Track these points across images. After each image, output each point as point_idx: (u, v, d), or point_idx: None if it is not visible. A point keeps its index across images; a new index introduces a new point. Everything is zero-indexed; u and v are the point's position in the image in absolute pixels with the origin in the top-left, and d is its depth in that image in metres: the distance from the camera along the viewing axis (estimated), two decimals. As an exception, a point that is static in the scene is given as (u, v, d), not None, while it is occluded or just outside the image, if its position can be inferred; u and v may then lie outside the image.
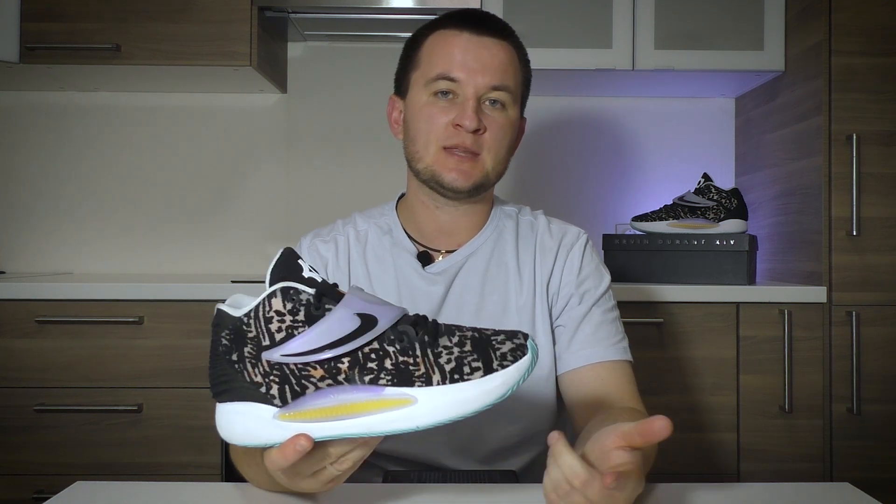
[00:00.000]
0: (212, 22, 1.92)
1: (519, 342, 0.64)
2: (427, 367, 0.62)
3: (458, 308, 1.06)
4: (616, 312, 1.08)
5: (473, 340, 0.64)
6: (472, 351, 0.63)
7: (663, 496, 0.80)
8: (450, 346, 0.63)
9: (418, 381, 0.62)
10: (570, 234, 1.11)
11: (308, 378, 0.62)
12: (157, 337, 1.70)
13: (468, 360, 0.63)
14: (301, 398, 0.62)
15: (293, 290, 0.63)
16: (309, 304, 0.63)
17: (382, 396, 0.62)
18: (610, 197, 2.30)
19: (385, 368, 0.62)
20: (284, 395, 0.62)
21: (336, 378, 0.62)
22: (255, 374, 0.63)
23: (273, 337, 0.62)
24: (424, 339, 0.63)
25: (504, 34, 1.06)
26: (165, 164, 2.26)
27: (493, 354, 0.63)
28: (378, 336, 0.63)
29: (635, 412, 0.96)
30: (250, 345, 0.63)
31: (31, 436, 1.68)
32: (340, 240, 1.11)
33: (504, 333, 0.65)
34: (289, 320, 0.62)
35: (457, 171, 1.02)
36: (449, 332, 0.65)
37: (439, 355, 0.63)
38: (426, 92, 1.04)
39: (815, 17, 1.79)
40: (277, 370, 0.62)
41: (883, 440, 1.72)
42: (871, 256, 1.73)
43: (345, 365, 0.62)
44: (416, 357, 0.62)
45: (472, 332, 0.65)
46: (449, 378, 0.62)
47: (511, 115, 1.05)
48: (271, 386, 0.63)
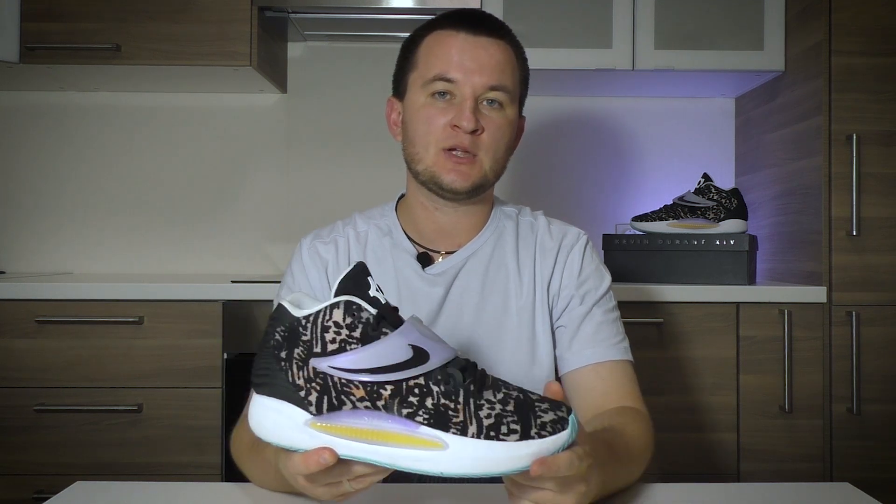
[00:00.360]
0: (212, 22, 1.92)
1: (561, 415, 0.63)
2: (466, 416, 0.62)
3: (458, 309, 1.06)
4: (617, 313, 1.08)
5: (517, 402, 0.64)
6: (513, 412, 0.63)
7: (663, 496, 0.80)
8: (492, 402, 0.63)
9: (454, 428, 0.62)
10: (570, 234, 1.11)
11: (348, 395, 0.62)
12: (157, 337, 1.70)
13: (507, 421, 0.62)
14: (336, 412, 0.62)
15: (356, 305, 0.63)
16: (368, 323, 0.63)
17: (416, 433, 0.62)
18: (610, 197, 2.30)
19: (425, 406, 0.62)
20: (321, 405, 0.62)
21: (375, 402, 0.62)
22: (299, 377, 0.63)
23: (326, 346, 0.63)
24: (470, 388, 0.63)
25: (501, 33, 1.05)
26: (165, 164, 2.26)
27: (533, 421, 0.62)
28: (426, 373, 0.63)
29: (635, 412, 0.96)
30: (302, 347, 0.63)
31: (31, 436, 1.68)
32: (340, 241, 1.11)
33: (549, 402, 0.64)
34: (345, 334, 0.63)
35: (455, 172, 1.02)
36: (495, 386, 0.64)
37: (480, 407, 0.62)
38: (424, 93, 1.03)
39: (815, 17, 1.79)
40: (321, 379, 0.63)
41: (883, 440, 1.72)
42: (871, 256, 1.73)
43: (387, 392, 0.62)
44: (458, 403, 0.62)
45: (517, 393, 0.64)
46: (485, 433, 0.61)
47: (509, 114, 1.05)
48: (311, 392, 0.63)
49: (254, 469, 0.84)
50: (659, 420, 1.00)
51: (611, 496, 0.79)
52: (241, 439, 0.91)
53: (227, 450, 1.69)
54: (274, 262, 2.27)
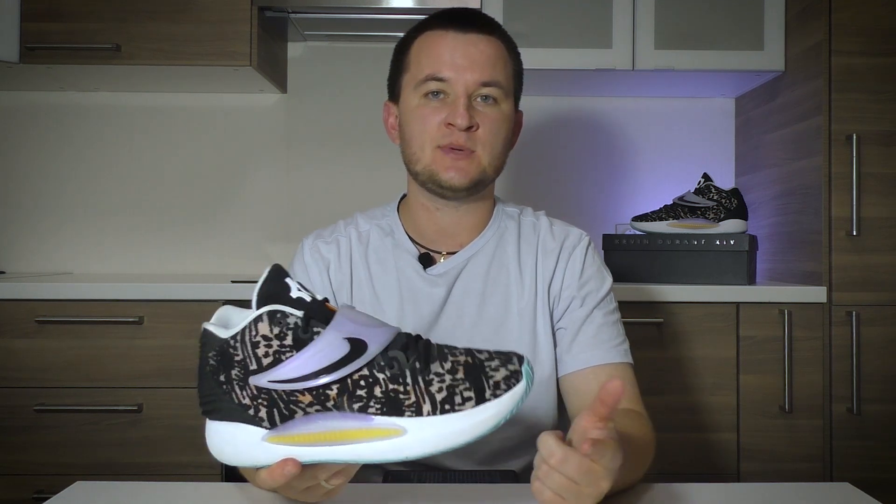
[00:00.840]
0: (212, 22, 1.92)
1: (514, 368, 0.62)
2: (417, 396, 0.61)
3: (459, 310, 1.06)
4: (617, 315, 1.08)
5: (466, 367, 0.62)
6: (464, 379, 0.62)
7: (663, 496, 0.80)
8: (441, 374, 0.62)
9: (408, 411, 0.61)
10: (572, 235, 1.11)
11: (296, 403, 0.61)
12: (157, 337, 1.70)
13: (460, 390, 0.61)
14: (290, 422, 0.61)
15: (280, 313, 0.61)
16: (297, 327, 0.61)
17: (371, 426, 0.61)
18: (610, 197, 2.30)
19: (374, 396, 0.61)
20: (273, 418, 0.61)
21: (325, 404, 0.61)
22: (243, 397, 0.62)
23: (260, 362, 0.61)
24: (416, 367, 0.61)
25: (490, 29, 1.05)
26: (165, 164, 2.26)
27: (486, 383, 0.61)
28: (367, 363, 0.61)
29: (635, 414, 0.96)
30: (237, 368, 0.62)
31: (31, 436, 1.68)
32: (342, 241, 1.11)
33: (499, 358, 0.63)
34: (276, 345, 0.61)
35: (454, 168, 1.02)
36: (441, 356, 0.63)
37: (430, 383, 0.61)
38: (417, 94, 1.04)
39: (815, 17, 1.79)
40: (265, 394, 0.61)
41: (883, 440, 1.72)
42: (871, 256, 1.73)
43: (333, 392, 0.61)
44: (407, 385, 0.61)
45: (465, 357, 0.63)
46: (440, 409, 0.61)
47: (504, 109, 1.05)
48: (259, 409, 0.62)
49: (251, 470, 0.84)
50: (659, 420, 1.00)
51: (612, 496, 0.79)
52: None
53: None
54: (274, 261, 2.26)
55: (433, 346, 0.64)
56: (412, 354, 0.62)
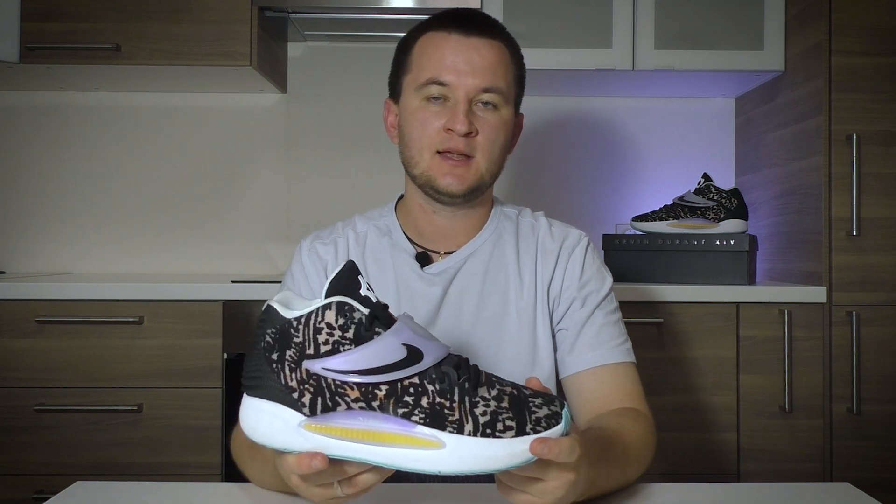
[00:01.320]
0: (212, 22, 1.92)
1: (555, 409, 0.64)
2: (462, 415, 0.62)
3: (456, 309, 1.06)
4: (619, 314, 1.08)
5: (511, 398, 0.64)
6: (508, 408, 0.63)
7: (663, 496, 0.80)
8: (487, 399, 0.63)
9: (450, 427, 0.62)
10: (571, 236, 1.11)
11: (343, 396, 0.62)
12: (157, 337, 1.70)
13: (503, 418, 0.62)
14: (331, 413, 0.62)
15: (348, 306, 0.63)
16: (360, 323, 0.63)
17: (412, 433, 0.62)
18: (610, 197, 2.30)
19: (420, 406, 0.62)
20: (315, 406, 0.62)
21: (370, 403, 0.62)
22: (291, 379, 0.63)
23: (318, 348, 0.62)
24: (465, 386, 0.63)
25: (493, 33, 1.04)
26: (166, 164, 2.26)
27: (528, 417, 0.63)
28: (420, 372, 0.63)
29: (636, 412, 0.96)
30: (293, 349, 0.63)
31: (31, 436, 1.68)
32: (340, 242, 1.11)
33: (542, 397, 0.65)
34: (337, 335, 0.62)
35: (451, 175, 1.02)
36: (489, 382, 0.64)
37: (476, 405, 0.63)
38: (417, 97, 1.03)
39: (815, 17, 1.79)
40: (314, 380, 0.62)
41: (883, 440, 1.72)
42: (871, 256, 1.73)
43: (382, 392, 0.62)
44: (453, 402, 0.62)
45: (511, 389, 0.65)
46: (481, 431, 0.62)
47: (504, 114, 1.04)
48: (304, 394, 0.62)
49: (253, 468, 0.85)
50: (659, 420, 1.00)
51: (607, 496, 0.79)
52: (240, 438, 0.91)
53: (227, 450, 1.69)
54: (274, 262, 2.27)
55: (482, 372, 0.65)
56: (463, 374, 0.64)
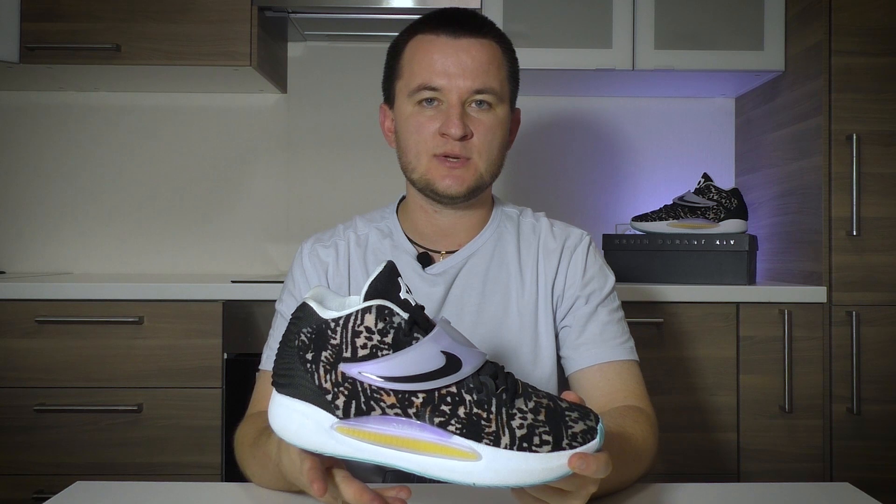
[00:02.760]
0: (212, 22, 1.92)
1: (591, 424, 0.63)
2: (498, 427, 0.61)
3: (458, 309, 1.06)
4: (621, 313, 1.08)
5: (548, 410, 0.63)
6: (545, 422, 0.62)
7: (663, 496, 0.80)
8: (524, 411, 0.62)
9: (486, 438, 0.61)
10: (573, 235, 1.11)
11: (378, 401, 0.61)
12: (157, 337, 1.70)
13: (539, 431, 0.61)
14: (365, 417, 0.61)
15: (388, 310, 0.62)
16: (400, 328, 0.62)
17: (448, 443, 0.61)
18: (610, 197, 2.30)
19: (457, 416, 0.61)
20: (349, 409, 0.61)
21: (406, 410, 0.61)
22: (326, 381, 0.62)
23: (356, 352, 0.61)
24: (502, 398, 0.62)
25: (483, 32, 1.03)
26: (165, 164, 2.26)
27: (564, 432, 0.62)
28: (458, 381, 0.62)
29: (639, 411, 0.96)
30: (330, 350, 0.62)
31: (31, 436, 1.68)
32: (341, 244, 1.11)
33: (578, 411, 0.64)
34: (376, 339, 0.61)
35: (450, 177, 1.01)
36: (526, 394, 0.63)
37: (512, 417, 0.62)
38: (411, 102, 1.03)
39: (815, 17, 1.79)
40: (350, 384, 0.61)
41: (883, 440, 1.72)
42: (871, 256, 1.73)
43: (419, 400, 0.61)
44: (491, 413, 0.61)
45: (547, 401, 0.64)
46: (517, 445, 0.61)
47: (499, 113, 1.04)
48: (338, 396, 0.62)
49: (255, 466, 0.84)
50: (659, 420, 1.00)
51: (610, 495, 0.79)
52: (244, 436, 0.91)
53: (227, 450, 1.69)
54: (274, 262, 2.27)
55: (518, 382, 0.64)
56: (501, 384, 0.63)
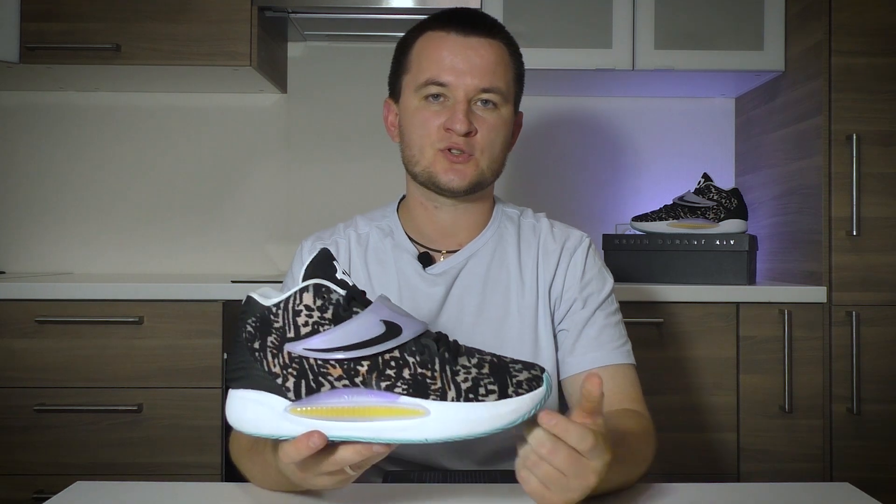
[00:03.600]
0: (212, 22, 1.92)
1: (535, 373, 0.65)
2: (444, 383, 0.63)
3: (458, 309, 1.06)
4: (619, 316, 1.08)
5: (492, 365, 0.65)
6: (489, 374, 0.64)
7: (663, 496, 0.80)
8: (468, 366, 0.64)
9: (433, 395, 0.63)
10: (573, 237, 1.11)
11: (326, 375, 0.63)
12: (157, 337, 1.70)
13: (484, 382, 0.64)
14: (315, 395, 0.63)
15: (325, 288, 0.64)
16: (338, 304, 0.64)
17: (396, 404, 0.63)
18: (610, 197, 2.30)
19: (402, 377, 0.63)
20: (299, 390, 0.63)
21: (353, 380, 0.63)
22: (274, 365, 0.64)
23: (299, 330, 0.64)
24: (445, 356, 0.64)
25: (492, 32, 1.05)
26: (165, 164, 2.26)
27: (509, 380, 0.64)
28: (400, 345, 0.64)
29: (637, 415, 0.96)
30: (274, 334, 0.64)
31: (31, 436, 1.68)
32: (341, 243, 1.11)
33: (522, 363, 0.66)
34: (316, 316, 0.64)
35: (452, 171, 1.02)
36: (469, 353, 0.66)
37: (457, 373, 0.64)
38: (417, 97, 1.04)
39: (815, 17, 1.79)
40: (297, 363, 0.64)
41: (883, 440, 1.72)
42: (871, 256, 1.73)
43: (364, 368, 0.63)
44: (434, 371, 0.64)
45: (491, 357, 0.66)
46: (464, 396, 0.63)
47: (504, 113, 1.05)
48: (288, 378, 0.63)
49: (253, 469, 0.84)
50: (659, 420, 1.00)
51: (610, 495, 0.79)
52: (239, 440, 0.91)
53: (227, 450, 1.69)
54: (274, 262, 2.27)
55: (461, 345, 0.67)
56: (442, 345, 0.65)
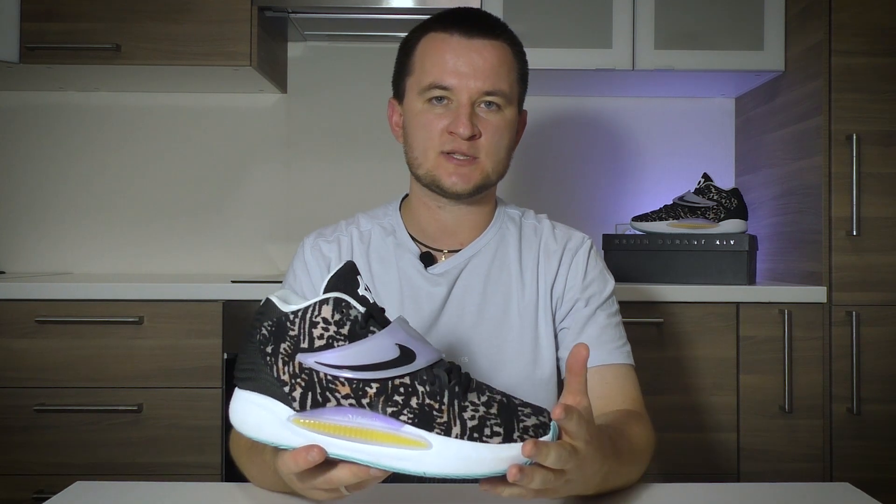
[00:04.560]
0: (212, 22, 1.92)
1: (543, 420, 0.64)
2: (450, 417, 0.62)
3: (459, 309, 1.06)
4: (619, 317, 1.09)
5: (501, 405, 0.64)
6: (497, 415, 0.63)
7: (663, 496, 0.80)
8: (477, 404, 0.63)
9: (437, 428, 0.62)
10: (574, 238, 1.11)
11: (333, 391, 0.62)
12: (157, 337, 1.70)
13: (491, 423, 0.62)
14: (320, 409, 0.62)
15: (346, 303, 0.64)
16: (356, 321, 0.63)
17: (400, 432, 0.62)
18: (610, 197, 2.30)
19: (409, 406, 0.62)
20: (305, 401, 0.62)
21: (360, 400, 0.62)
22: (284, 373, 0.63)
23: (313, 342, 0.63)
24: (455, 390, 0.63)
25: (496, 33, 1.04)
26: (165, 164, 2.26)
27: (516, 424, 0.63)
28: (412, 373, 0.63)
29: (637, 415, 0.96)
30: (288, 342, 0.63)
31: (31, 436, 1.68)
32: (344, 240, 1.11)
33: (531, 408, 0.65)
34: (332, 330, 0.63)
35: (456, 175, 1.02)
36: (479, 389, 0.65)
37: (465, 409, 0.63)
38: (421, 99, 1.03)
39: (815, 17, 1.79)
40: (306, 374, 0.63)
41: (883, 440, 1.72)
42: (871, 256, 1.73)
43: (372, 390, 0.62)
44: (443, 404, 0.62)
45: (501, 397, 0.65)
46: (468, 434, 0.62)
47: (507, 115, 1.05)
48: (295, 388, 0.63)
49: (253, 469, 0.84)
50: (659, 420, 1.00)
51: (609, 494, 0.79)
52: (239, 438, 0.91)
53: (227, 450, 1.69)
54: (274, 261, 2.27)
55: (472, 379, 0.66)
56: (454, 378, 0.64)
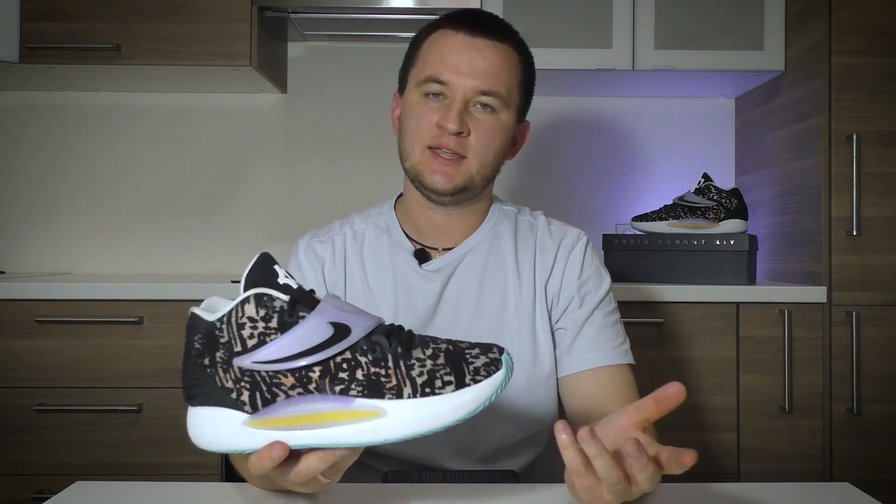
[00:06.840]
0: (212, 22, 1.92)
1: (493, 356, 0.63)
2: (398, 380, 0.62)
3: (455, 306, 1.06)
4: (617, 315, 1.08)
5: (447, 353, 0.63)
6: (444, 364, 0.62)
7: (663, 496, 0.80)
8: (423, 359, 0.63)
9: (389, 394, 0.61)
10: (570, 235, 1.11)
11: (279, 386, 0.61)
12: (157, 337, 1.70)
13: (440, 374, 0.62)
14: (271, 406, 0.62)
15: (267, 296, 0.62)
16: (282, 311, 0.62)
17: (352, 408, 0.61)
18: (610, 197, 2.30)
19: (356, 379, 0.61)
20: (255, 402, 0.62)
21: (307, 387, 0.61)
22: (227, 380, 0.62)
23: (245, 343, 0.62)
24: (397, 351, 0.62)
25: (502, 36, 1.04)
26: (165, 165, 2.26)
27: (465, 368, 0.62)
28: (350, 346, 0.62)
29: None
30: (222, 350, 0.62)
31: (31, 436, 1.68)
32: (337, 240, 1.11)
33: (479, 347, 0.64)
34: (261, 327, 0.62)
35: (440, 172, 1.01)
36: (423, 343, 0.64)
37: (411, 367, 0.62)
38: (418, 92, 1.04)
39: (815, 17, 1.79)
40: (248, 377, 0.62)
41: (883, 440, 1.72)
42: (871, 256, 1.73)
43: (316, 374, 0.61)
44: (388, 369, 0.62)
45: (446, 345, 0.64)
46: (420, 392, 0.61)
47: (502, 119, 1.04)
48: (242, 392, 0.62)
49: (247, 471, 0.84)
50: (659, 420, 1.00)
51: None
52: None
53: (227, 450, 1.69)
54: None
55: (415, 335, 0.65)
56: (394, 340, 0.63)
